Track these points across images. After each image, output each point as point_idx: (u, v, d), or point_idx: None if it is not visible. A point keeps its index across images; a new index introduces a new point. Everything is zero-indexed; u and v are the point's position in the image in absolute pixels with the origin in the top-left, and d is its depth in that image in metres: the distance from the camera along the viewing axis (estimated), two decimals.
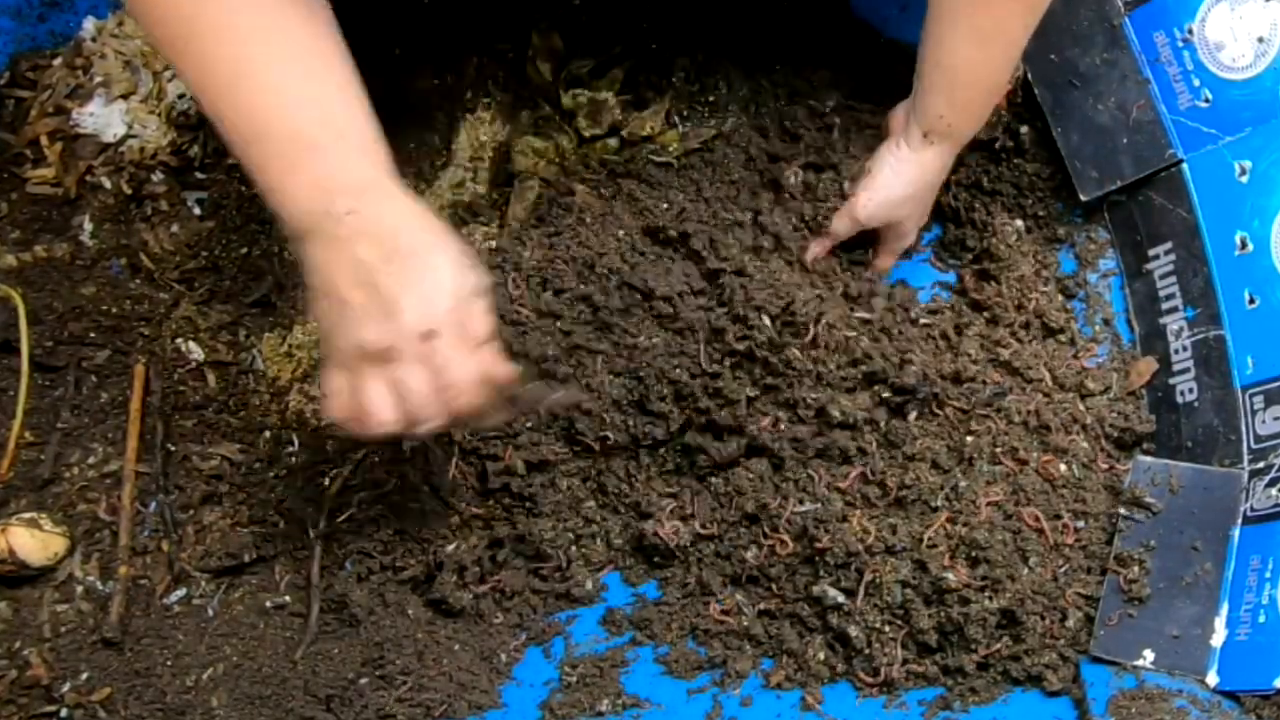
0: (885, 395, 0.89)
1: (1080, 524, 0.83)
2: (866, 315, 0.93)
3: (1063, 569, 0.82)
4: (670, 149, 1.02)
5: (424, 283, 0.66)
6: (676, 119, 1.04)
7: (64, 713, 0.85)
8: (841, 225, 0.94)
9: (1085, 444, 0.87)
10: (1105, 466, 0.86)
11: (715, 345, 0.89)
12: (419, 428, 0.70)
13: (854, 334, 0.90)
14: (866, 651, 0.82)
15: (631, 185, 1.01)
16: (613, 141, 1.03)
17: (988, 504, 0.84)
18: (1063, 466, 0.86)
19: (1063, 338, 0.94)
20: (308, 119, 0.66)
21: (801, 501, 0.89)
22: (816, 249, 0.95)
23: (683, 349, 0.90)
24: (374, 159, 0.67)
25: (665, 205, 0.99)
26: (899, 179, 0.91)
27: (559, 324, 0.93)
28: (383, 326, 0.66)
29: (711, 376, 0.89)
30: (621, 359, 0.92)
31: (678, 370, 0.89)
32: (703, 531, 0.92)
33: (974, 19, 0.81)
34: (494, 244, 1.01)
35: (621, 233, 0.96)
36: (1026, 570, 0.81)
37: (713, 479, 0.93)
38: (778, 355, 0.87)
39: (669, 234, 0.95)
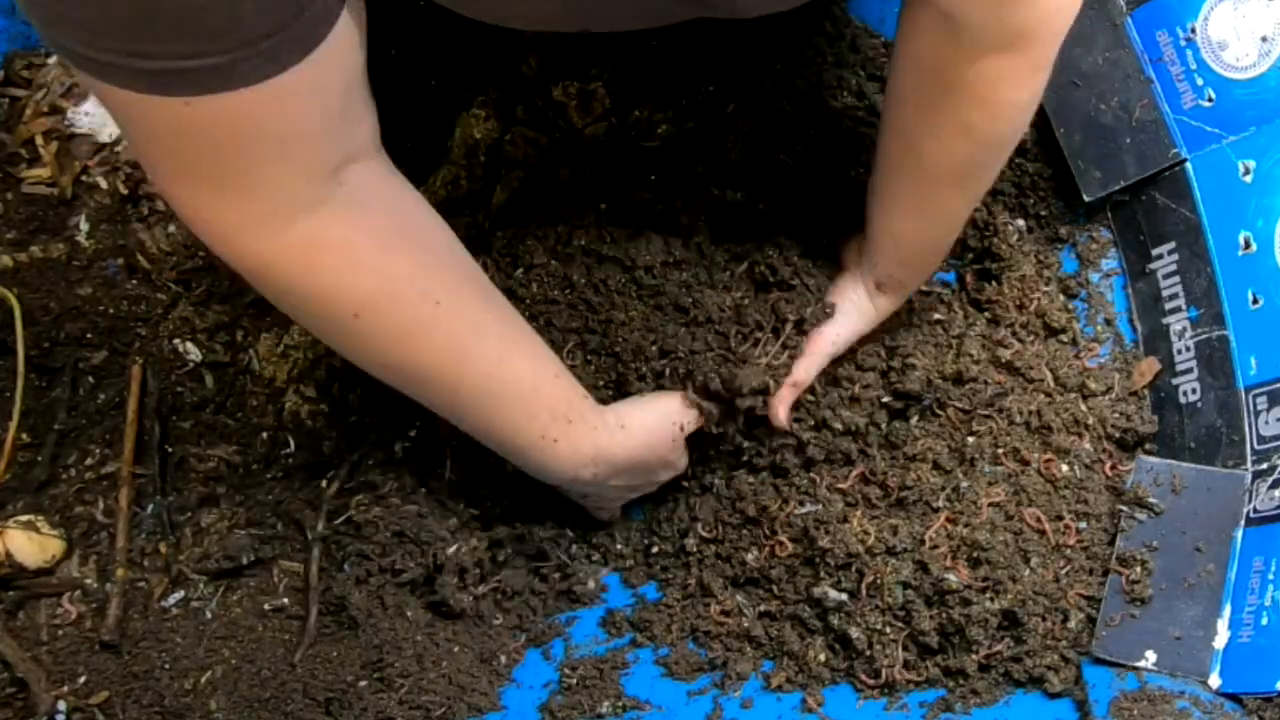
0: (886, 400, 0.89)
1: (1082, 525, 0.83)
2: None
3: (1064, 570, 0.81)
4: (659, 131, 1.01)
5: (672, 461, 0.89)
6: (671, 111, 1.04)
7: (61, 717, 0.84)
8: (812, 368, 0.89)
9: (1087, 444, 0.87)
10: (1107, 467, 0.86)
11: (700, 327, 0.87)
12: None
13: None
14: (867, 653, 0.82)
15: (615, 165, 0.98)
16: (602, 125, 1.02)
17: (989, 504, 0.83)
18: (1064, 467, 0.86)
19: (1065, 338, 0.94)
20: (547, 415, 0.79)
21: (802, 503, 0.88)
22: (784, 409, 0.88)
23: (663, 325, 0.88)
24: (594, 422, 0.82)
25: (653, 178, 0.96)
26: (863, 318, 0.90)
27: (526, 302, 0.90)
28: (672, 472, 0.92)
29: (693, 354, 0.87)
30: (596, 336, 0.89)
31: (654, 348, 0.87)
32: (704, 534, 0.92)
33: (916, 196, 0.81)
34: (474, 233, 0.99)
35: (603, 206, 0.93)
36: (1028, 571, 0.81)
37: (713, 480, 0.93)
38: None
39: (655, 208, 0.92)
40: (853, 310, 0.89)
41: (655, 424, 0.85)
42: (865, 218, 0.87)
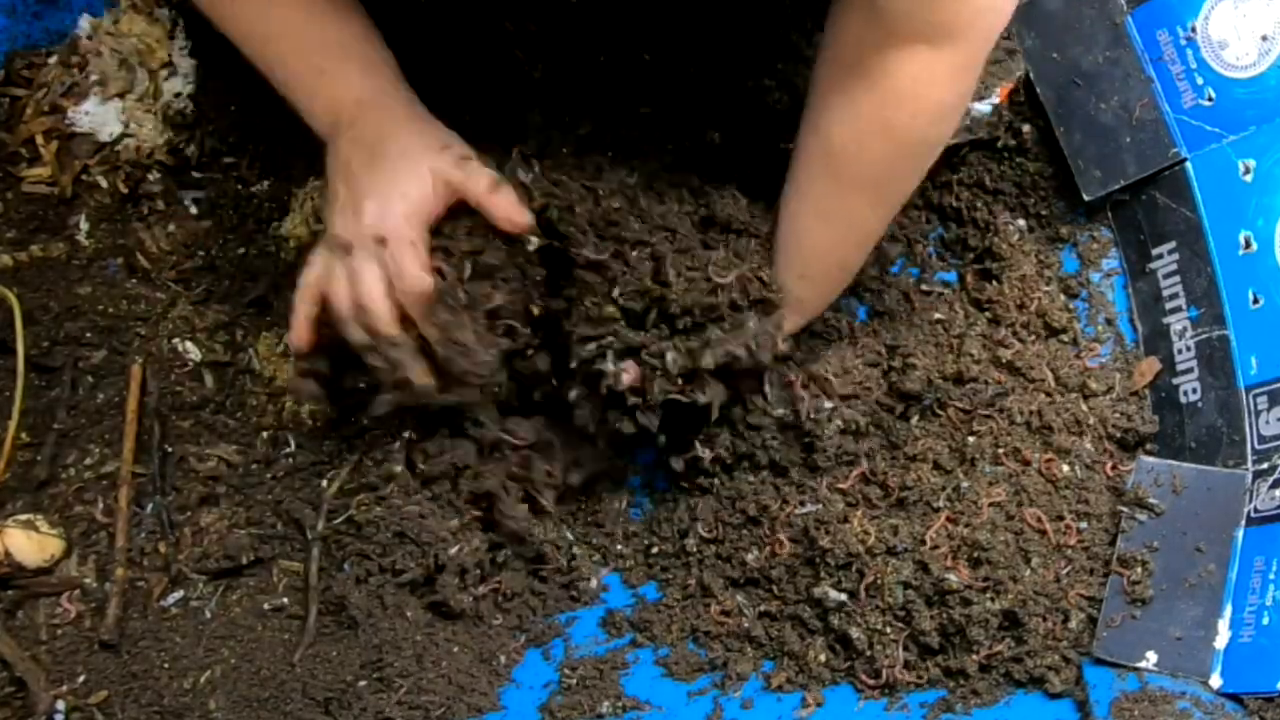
0: (887, 400, 0.89)
1: (1083, 525, 0.83)
2: None
3: (1065, 570, 0.81)
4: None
5: (388, 190, 0.75)
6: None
7: (60, 716, 0.84)
8: None
9: (1088, 444, 0.87)
10: (1108, 467, 0.86)
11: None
12: (375, 324, 0.77)
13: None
14: (868, 653, 0.82)
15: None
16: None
17: (990, 504, 0.83)
18: (1065, 467, 0.86)
19: (1065, 338, 0.93)
20: (320, 53, 0.77)
21: (802, 503, 0.88)
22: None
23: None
24: (377, 77, 0.78)
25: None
26: None
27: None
28: (347, 222, 0.76)
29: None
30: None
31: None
32: (704, 534, 0.92)
33: (825, 199, 0.79)
34: None
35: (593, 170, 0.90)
36: (1029, 571, 0.81)
37: (712, 480, 0.93)
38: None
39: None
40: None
41: (419, 123, 0.79)
42: (775, 230, 0.84)
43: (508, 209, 0.79)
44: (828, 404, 0.89)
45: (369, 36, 0.80)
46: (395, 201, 0.75)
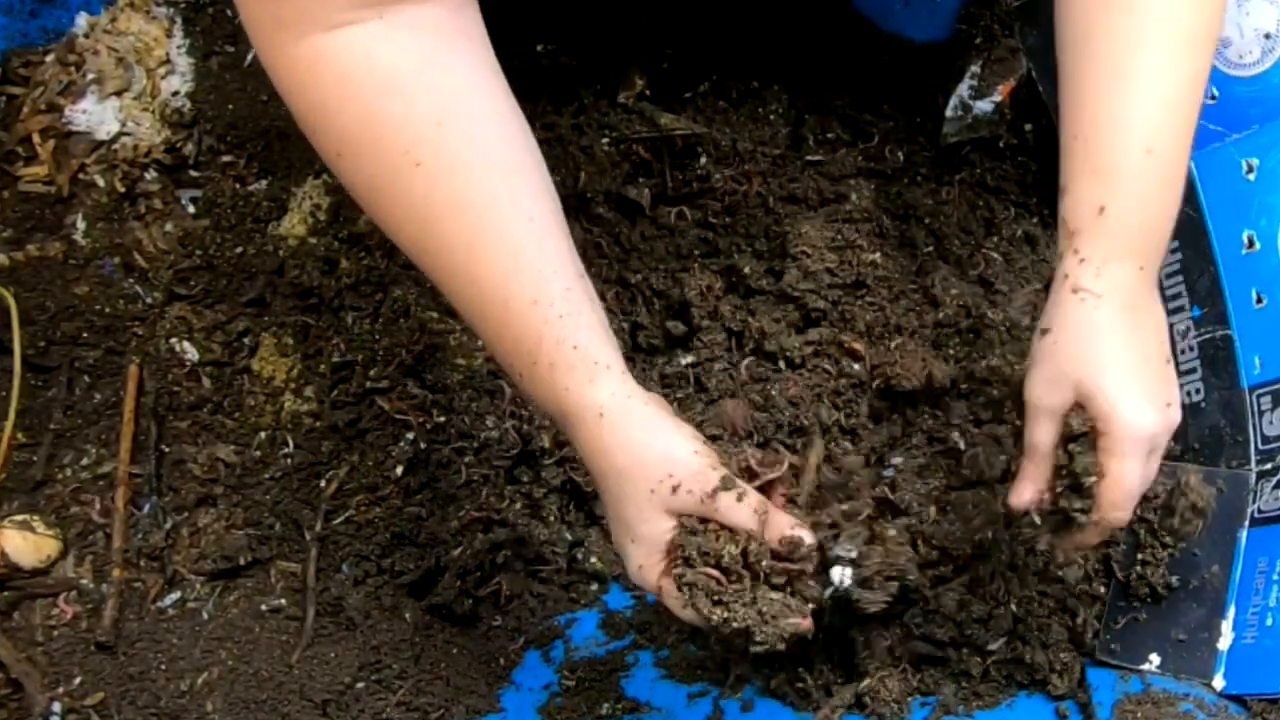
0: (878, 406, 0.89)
1: None
2: None
3: (1068, 571, 0.81)
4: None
5: (617, 540, 0.66)
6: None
7: (56, 718, 0.84)
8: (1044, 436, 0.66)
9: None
10: None
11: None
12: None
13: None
14: (869, 654, 0.81)
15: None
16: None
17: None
18: None
19: None
20: (529, 344, 0.62)
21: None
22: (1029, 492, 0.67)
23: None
24: (581, 375, 0.63)
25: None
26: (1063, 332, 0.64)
27: None
28: (617, 534, 0.66)
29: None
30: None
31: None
32: None
33: (1112, 56, 0.61)
34: None
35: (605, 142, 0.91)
36: (1031, 573, 0.80)
37: None
38: None
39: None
40: (1053, 325, 0.64)
41: (637, 454, 0.62)
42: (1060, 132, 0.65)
43: (779, 529, 0.63)
44: None
45: (583, 277, 0.65)
46: (627, 555, 0.65)
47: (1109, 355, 0.62)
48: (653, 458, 0.62)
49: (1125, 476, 0.62)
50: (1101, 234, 0.63)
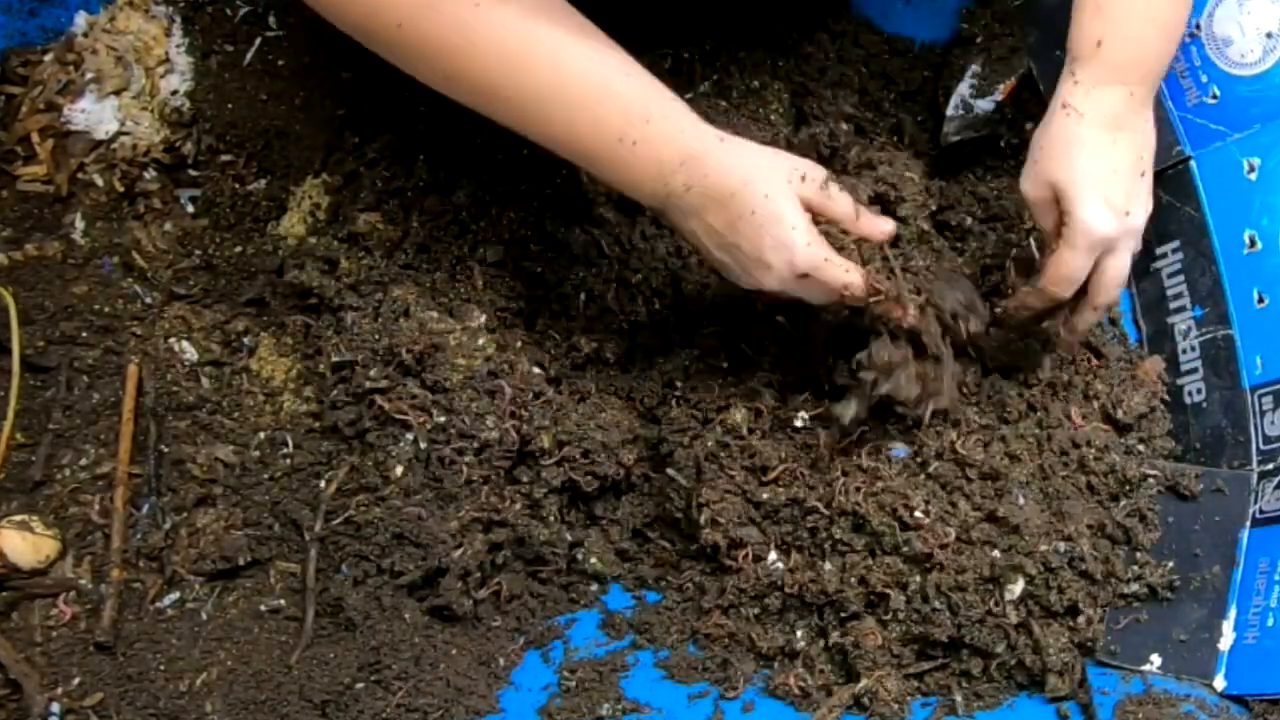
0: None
1: (1086, 526, 0.82)
2: None
3: (1068, 571, 0.81)
4: None
5: (771, 236, 0.71)
6: None
7: (55, 719, 0.83)
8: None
9: (1089, 443, 0.86)
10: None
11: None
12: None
13: None
14: (870, 655, 0.81)
15: None
16: None
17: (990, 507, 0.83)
18: (1066, 467, 0.85)
19: None
20: (619, 116, 0.70)
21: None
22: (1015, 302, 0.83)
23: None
24: (682, 123, 0.72)
25: None
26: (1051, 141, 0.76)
27: None
28: (768, 277, 0.73)
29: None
30: None
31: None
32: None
33: None
34: None
35: None
36: (1032, 573, 0.80)
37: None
38: None
39: None
40: (1044, 133, 0.77)
41: (766, 158, 0.73)
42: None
43: (871, 228, 0.76)
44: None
45: (631, 60, 0.73)
46: (791, 240, 0.71)
47: (1079, 163, 0.74)
48: (779, 157, 0.73)
49: (1066, 261, 0.76)
50: (1096, 62, 0.74)
